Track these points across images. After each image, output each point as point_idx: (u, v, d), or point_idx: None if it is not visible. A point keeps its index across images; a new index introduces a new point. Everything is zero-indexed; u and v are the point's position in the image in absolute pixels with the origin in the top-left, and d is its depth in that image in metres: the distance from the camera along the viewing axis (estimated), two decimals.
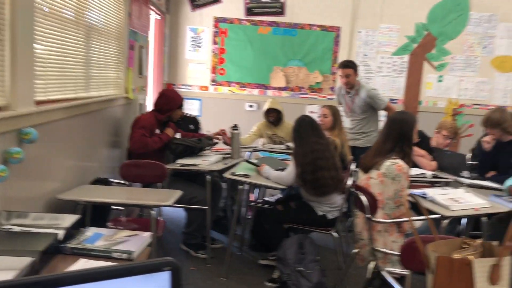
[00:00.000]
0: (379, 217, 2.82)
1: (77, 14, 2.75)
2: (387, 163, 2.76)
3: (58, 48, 2.53)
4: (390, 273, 2.40)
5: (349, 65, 4.51)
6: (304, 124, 3.35)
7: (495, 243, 1.48)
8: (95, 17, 3.11)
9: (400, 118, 2.90)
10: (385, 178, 2.77)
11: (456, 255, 1.38)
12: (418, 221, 2.93)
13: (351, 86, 4.54)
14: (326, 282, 3.15)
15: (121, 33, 3.71)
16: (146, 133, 3.55)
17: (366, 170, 2.93)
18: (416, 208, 2.88)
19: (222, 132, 4.26)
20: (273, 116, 4.66)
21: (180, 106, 3.83)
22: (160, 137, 3.63)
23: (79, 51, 2.84)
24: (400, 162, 2.76)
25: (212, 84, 5.86)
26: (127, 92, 3.89)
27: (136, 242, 1.93)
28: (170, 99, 3.77)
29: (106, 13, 3.33)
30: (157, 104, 3.77)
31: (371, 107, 4.54)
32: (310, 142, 3.25)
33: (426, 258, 1.43)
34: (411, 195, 1.59)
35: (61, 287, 0.73)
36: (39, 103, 2.29)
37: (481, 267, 1.34)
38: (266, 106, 4.66)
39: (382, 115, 5.09)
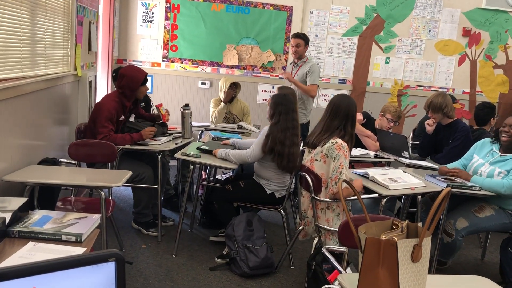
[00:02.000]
0: (323, 196, 2.97)
1: None
2: (328, 144, 2.92)
3: (1, 26, 2.45)
4: (330, 249, 2.56)
5: (301, 36, 4.77)
6: (290, 101, 3.44)
7: (420, 224, 1.64)
8: None
9: (347, 101, 3.06)
10: (327, 159, 2.93)
11: (384, 236, 1.51)
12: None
13: (299, 56, 4.80)
14: (272, 257, 3.30)
15: (69, 9, 3.61)
16: (113, 125, 3.49)
17: (313, 147, 3.07)
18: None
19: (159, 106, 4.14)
20: (236, 91, 4.77)
21: (143, 82, 3.66)
22: (132, 137, 3.53)
23: (24, 29, 2.76)
24: (339, 141, 2.92)
25: (164, 61, 5.81)
26: (76, 69, 3.82)
27: (85, 225, 1.97)
28: (130, 79, 3.58)
29: None
30: (120, 86, 3.61)
31: (306, 81, 4.73)
32: (291, 119, 3.37)
33: (357, 238, 1.56)
34: (345, 181, 1.71)
35: (10, 279, 0.78)
36: None
37: (404, 247, 1.48)
38: (226, 83, 4.70)
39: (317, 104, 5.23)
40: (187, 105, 4.06)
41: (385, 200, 2.99)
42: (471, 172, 3.38)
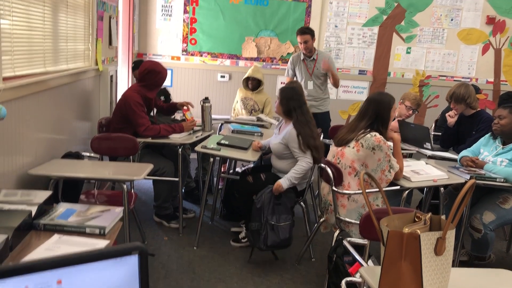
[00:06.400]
0: (352, 183, 2.94)
1: None
2: (368, 135, 2.89)
3: (24, 22, 2.50)
4: (351, 242, 2.54)
5: (306, 31, 4.76)
6: (299, 94, 3.39)
7: (443, 217, 1.61)
8: None
9: (377, 99, 2.99)
10: (362, 148, 2.89)
11: (406, 229, 1.50)
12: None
13: (310, 51, 4.80)
14: (291, 238, 3.20)
15: (89, 4, 3.65)
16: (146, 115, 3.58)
17: (339, 144, 3.04)
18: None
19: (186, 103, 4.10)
20: (252, 85, 4.75)
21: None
22: (174, 128, 3.61)
23: (46, 24, 2.80)
24: (378, 135, 2.89)
25: (183, 54, 5.83)
26: (97, 64, 3.86)
27: (108, 217, 2.00)
28: (159, 74, 3.58)
29: None
30: (143, 79, 3.60)
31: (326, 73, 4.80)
32: (306, 112, 3.34)
33: (379, 232, 1.55)
34: (367, 173, 1.69)
35: (36, 272, 0.80)
36: (6, 79, 2.28)
37: (427, 240, 1.46)
38: (247, 74, 4.74)
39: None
40: (206, 98, 4.07)
41: (407, 192, 2.96)
42: None
